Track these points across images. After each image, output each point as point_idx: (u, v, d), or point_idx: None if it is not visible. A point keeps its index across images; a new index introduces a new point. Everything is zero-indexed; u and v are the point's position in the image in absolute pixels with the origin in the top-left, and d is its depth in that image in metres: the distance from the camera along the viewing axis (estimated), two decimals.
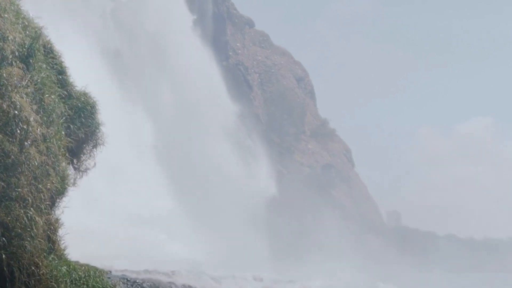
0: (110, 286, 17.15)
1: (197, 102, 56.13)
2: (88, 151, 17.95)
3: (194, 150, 52.81)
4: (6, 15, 14.83)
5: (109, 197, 35.58)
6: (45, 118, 15.25)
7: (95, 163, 17.99)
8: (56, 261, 15.61)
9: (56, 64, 17.14)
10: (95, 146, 18.09)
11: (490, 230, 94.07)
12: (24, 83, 14.66)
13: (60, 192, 15.97)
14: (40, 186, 14.36)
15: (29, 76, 14.94)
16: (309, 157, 76.46)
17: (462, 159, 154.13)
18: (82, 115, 17.52)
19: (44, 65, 16.34)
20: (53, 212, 16.04)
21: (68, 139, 16.54)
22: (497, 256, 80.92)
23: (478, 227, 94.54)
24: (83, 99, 17.64)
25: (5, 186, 13.13)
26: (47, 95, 15.57)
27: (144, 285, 20.25)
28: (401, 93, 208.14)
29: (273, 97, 76.07)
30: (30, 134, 14.00)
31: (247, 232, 51.66)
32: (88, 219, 29.23)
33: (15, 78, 14.00)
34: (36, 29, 16.27)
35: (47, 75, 16.08)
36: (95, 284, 16.19)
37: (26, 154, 13.88)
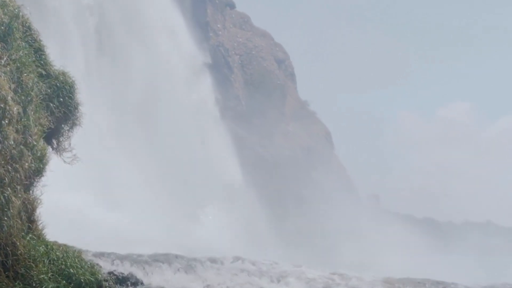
0: (88, 265, 17.10)
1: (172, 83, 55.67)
2: (66, 131, 17.84)
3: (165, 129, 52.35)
4: None
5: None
6: (23, 97, 15.15)
7: (70, 144, 17.87)
8: (34, 241, 15.55)
9: (34, 42, 17.03)
10: (73, 127, 17.97)
11: (469, 214, 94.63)
12: (2, 61, 14.56)
13: (38, 171, 15.90)
14: (17, 165, 14.29)
15: (7, 54, 14.83)
16: (289, 139, 76.52)
17: (442, 144, 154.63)
18: (61, 95, 17.39)
19: (23, 44, 16.23)
20: (31, 191, 15.97)
21: (47, 118, 16.44)
22: (475, 240, 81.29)
23: (457, 211, 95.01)
24: (61, 78, 17.51)
25: None
26: (25, 74, 15.47)
27: (123, 265, 20.21)
28: (381, 78, 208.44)
29: (253, 79, 76.03)
30: (7, 113, 13.91)
31: (221, 213, 51.65)
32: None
33: None
34: (15, 8, 16.15)
35: (26, 54, 15.97)
36: (73, 263, 16.16)
37: (3, 133, 13.81)
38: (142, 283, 20.12)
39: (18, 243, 14.36)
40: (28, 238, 15.12)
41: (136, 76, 52.64)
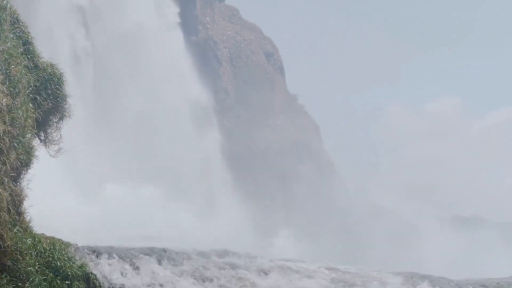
0: (76, 259, 17.10)
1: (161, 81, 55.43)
2: (55, 123, 17.80)
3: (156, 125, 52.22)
4: None
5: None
6: (11, 89, 15.10)
7: (61, 135, 17.84)
8: (21, 233, 15.52)
9: (22, 34, 16.98)
10: (61, 118, 17.93)
11: (457, 209, 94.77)
12: None
13: (26, 164, 15.87)
14: (4, 158, 14.26)
15: None
16: (277, 133, 76.48)
17: (431, 138, 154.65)
18: (49, 87, 17.36)
19: (11, 35, 16.18)
20: (18, 184, 15.94)
21: (35, 110, 16.42)
22: (463, 235, 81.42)
23: (445, 205, 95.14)
24: (50, 70, 17.47)
25: None
26: (13, 66, 15.42)
27: (111, 258, 20.21)
28: (371, 72, 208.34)
29: (242, 73, 75.94)
30: None
31: (211, 207, 51.68)
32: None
33: None
34: (3, 0, 16.10)
35: (14, 46, 15.92)
36: (60, 256, 16.15)
37: None
38: (130, 276, 20.12)
39: (5, 235, 14.33)
40: (15, 230, 15.09)
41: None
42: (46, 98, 17.04)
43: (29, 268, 15.00)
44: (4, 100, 14.22)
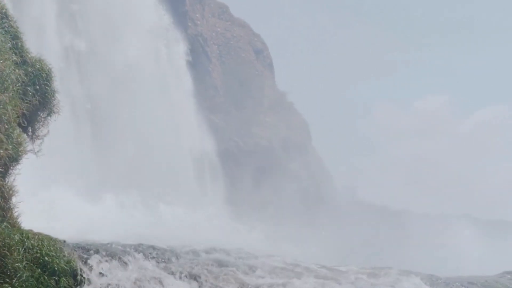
0: (64, 254, 17.05)
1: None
2: (43, 119, 17.75)
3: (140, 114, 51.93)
4: None
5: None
6: None
7: (48, 131, 17.79)
8: (9, 229, 15.48)
9: (11, 29, 16.91)
10: (49, 114, 17.88)
11: (445, 206, 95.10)
12: None
13: (14, 159, 15.82)
14: None
15: None
16: (267, 130, 76.47)
17: (419, 136, 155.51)
18: (37, 82, 17.31)
19: None
20: (6, 179, 15.89)
21: (23, 105, 16.36)
22: (451, 232, 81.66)
23: (433, 203, 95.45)
24: (38, 65, 17.42)
25: None
26: (1, 61, 15.37)
27: (99, 254, 20.17)
28: (360, 69, 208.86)
29: (231, 69, 75.86)
30: None
31: (198, 204, 51.65)
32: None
33: None
34: None
35: (2, 40, 15.86)
36: (48, 252, 16.10)
37: None
38: (118, 272, 20.09)
39: None
40: (3, 226, 15.05)
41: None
42: (34, 94, 16.99)
43: (17, 264, 14.96)
44: None
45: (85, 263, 19.24)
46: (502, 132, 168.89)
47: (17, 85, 16.04)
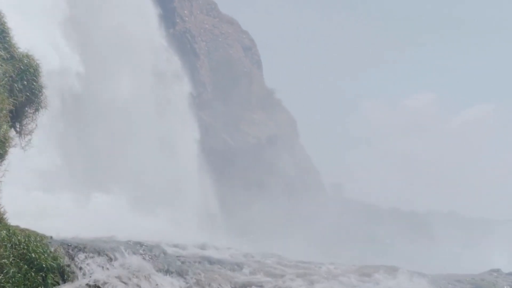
0: (51, 251, 16.99)
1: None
2: (30, 114, 17.66)
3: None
4: None
5: None
6: None
7: (36, 125, 17.70)
8: None
9: None
10: (37, 110, 17.80)
11: (432, 204, 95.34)
12: None
13: (1, 155, 15.75)
14: None
15: None
16: (255, 127, 76.47)
17: (407, 133, 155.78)
18: (25, 78, 17.21)
19: None
20: None
21: (10, 101, 16.27)
22: (439, 230, 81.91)
23: (420, 200, 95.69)
24: (26, 61, 17.32)
25: None
26: None
27: (86, 250, 20.09)
28: (348, 67, 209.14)
29: (219, 66, 75.76)
30: None
31: (187, 201, 51.59)
32: None
33: None
34: None
35: None
36: (35, 248, 16.05)
37: None
38: (105, 268, 20.04)
39: None
40: None
41: None
42: (21, 89, 16.90)
43: (3, 260, 14.91)
44: None
45: (72, 259, 19.18)
46: (488, 131, 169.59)
47: (4, 81, 15.96)
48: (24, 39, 17.93)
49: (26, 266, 15.61)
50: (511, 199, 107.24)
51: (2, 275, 14.69)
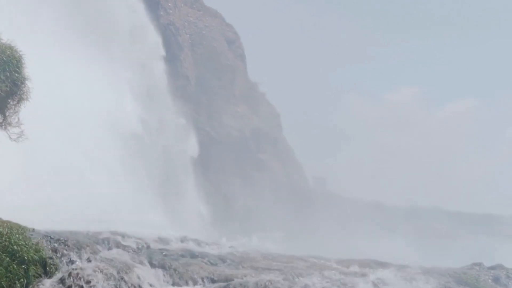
0: (33, 243, 16.93)
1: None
2: (13, 106, 17.56)
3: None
4: None
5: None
6: None
7: (18, 119, 17.61)
8: None
9: None
10: (19, 101, 17.69)
11: (415, 199, 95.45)
12: None
13: None
14: None
15: None
16: (238, 120, 76.36)
17: (390, 127, 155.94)
18: (7, 69, 17.10)
19: None
20: None
21: None
22: (421, 224, 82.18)
23: (403, 195, 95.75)
24: (8, 52, 17.23)
25: None
26: None
27: (68, 243, 20.04)
28: (331, 60, 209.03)
29: (203, 59, 75.58)
30: None
31: (170, 194, 51.50)
32: None
33: None
34: None
35: None
36: (17, 241, 15.99)
37: None
38: (88, 260, 19.99)
39: None
40: None
41: None
42: (4, 81, 16.80)
43: None
44: None
45: (55, 252, 19.11)
46: (472, 125, 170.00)
47: None
48: None
49: (8, 259, 15.55)
50: (494, 193, 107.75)
51: None
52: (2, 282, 15.22)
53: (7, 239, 15.82)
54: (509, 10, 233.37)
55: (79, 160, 41.78)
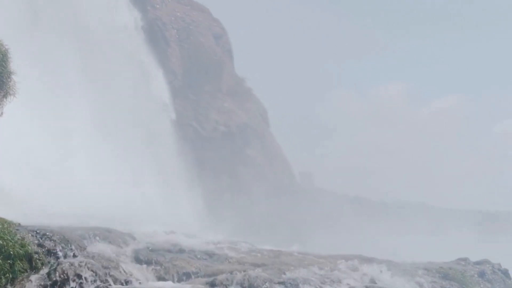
0: (18, 238, 16.87)
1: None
2: None
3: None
4: None
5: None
6: None
7: (2, 113, 17.53)
8: None
9: None
10: (5, 96, 17.61)
11: (401, 194, 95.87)
12: None
13: None
14: None
15: None
16: (225, 115, 76.33)
17: (377, 123, 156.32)
18: None
19: None
20: None
21: None
22: (407, 220, 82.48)
23: (390, 190, 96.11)
24: None
25: None
26: None
27: (54, 237, 19.96)
28: (318, 56, 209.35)
29: (190, 54, 75.47)
30: None
31: (158, 188, 51.41)
32: None
33: None
34: None
35: None
36: (2, 235, 15.92)
37: None
38: (74, 255, 19.93)
39: None
40: None
41: None
42: None
43: None
44: None
45: (41, 246, 19.04)
46: (457, 121, 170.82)
47: None
48: None
49: None
50: (481, 189, 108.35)
51: None
52: None
53: None
54: (496, 8, 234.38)
55: (68, 160, 41.69)
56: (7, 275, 15.82)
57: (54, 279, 17.89)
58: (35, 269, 17.53)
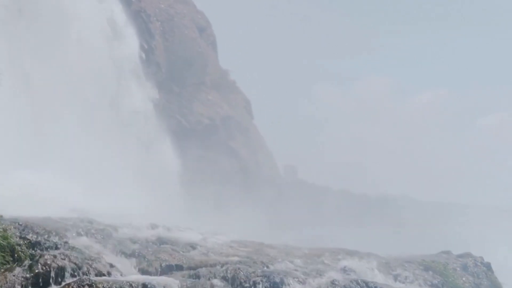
0: (0, 230, 16.83)
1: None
2: None
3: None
4: None
5: None
6: None
7: None
8: None
9: None
10: None
11: (384, 187, 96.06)
12: None
13: None
14: None
15: None
16: (209, 108, 76.23)
17: (360, 117, 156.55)
18: None
19: None
20: None
21: None
22: (389, 213, 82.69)
23: (373, 184, 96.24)
24: None
25: None
26: None
27: (36, 229, 19.93)
28: (302, 49, 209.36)
29: (174, 47, 75.29)
30: None
31: (139, 180, 51.33)
32: None
33: None
34: None
35: None
36: None
37: None
38: (56, 247, 19.89)
39: None
40: None
41: None
42: None
43: None
44: None
45: (23, 239, 19.00)
46: (442, 115, 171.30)
47: None
48: None
49: None
50: (464, 183, 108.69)
51: None
52: None
53: None
54: (479, 4, 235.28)
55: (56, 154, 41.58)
56: None
57: (36, 271, 17.85)
58: (17, 261, 17.49)
